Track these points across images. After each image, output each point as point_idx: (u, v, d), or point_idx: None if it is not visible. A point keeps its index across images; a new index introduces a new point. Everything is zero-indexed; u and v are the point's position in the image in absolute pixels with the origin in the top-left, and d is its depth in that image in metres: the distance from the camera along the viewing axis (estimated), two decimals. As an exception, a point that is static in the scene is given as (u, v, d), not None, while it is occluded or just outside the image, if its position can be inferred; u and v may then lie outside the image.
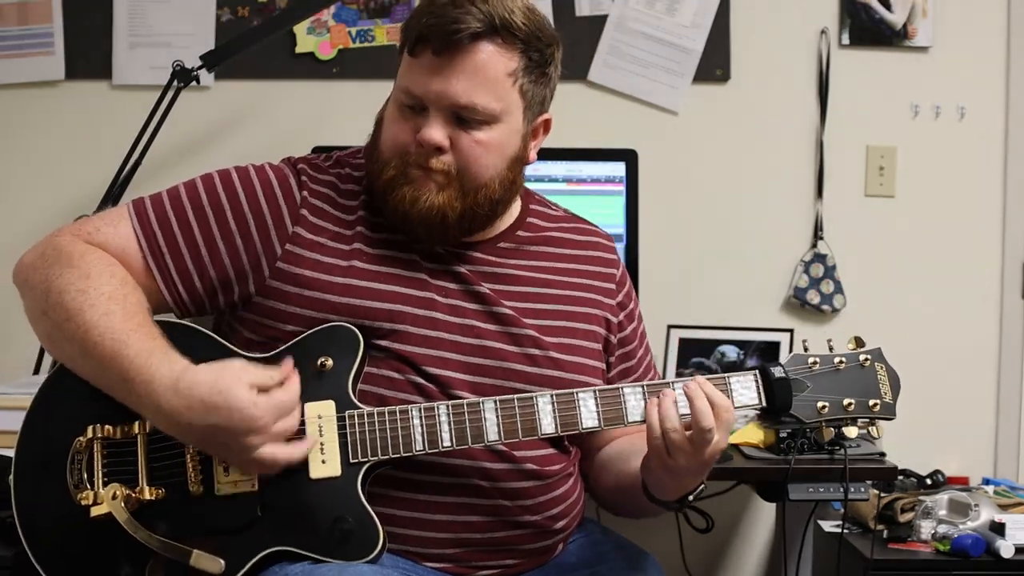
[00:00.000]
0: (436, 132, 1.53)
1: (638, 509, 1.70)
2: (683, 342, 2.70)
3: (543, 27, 1.57)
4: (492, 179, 1.58)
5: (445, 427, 1.49)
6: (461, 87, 1.51)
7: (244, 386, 1.40)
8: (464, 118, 1.54)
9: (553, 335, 1.63)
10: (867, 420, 1.57)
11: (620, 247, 2.50)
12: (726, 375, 1.55)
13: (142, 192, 1.67)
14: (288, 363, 1.46)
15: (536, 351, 1.60)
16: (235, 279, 1.57)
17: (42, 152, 2.82)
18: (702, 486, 1.57)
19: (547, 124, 1.67)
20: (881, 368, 1.59)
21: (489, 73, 1.52)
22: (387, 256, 1.59)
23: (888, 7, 2.82)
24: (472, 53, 1.51)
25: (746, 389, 1.55)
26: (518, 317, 1.61)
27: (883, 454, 2.30)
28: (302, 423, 1.48)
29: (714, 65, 2.82)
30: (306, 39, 2.80)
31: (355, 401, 1.51)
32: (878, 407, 1.56)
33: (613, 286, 1.74)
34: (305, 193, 1.60)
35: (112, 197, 2.45)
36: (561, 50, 1.62)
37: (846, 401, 1.55)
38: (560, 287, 1.68)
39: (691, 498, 1.57)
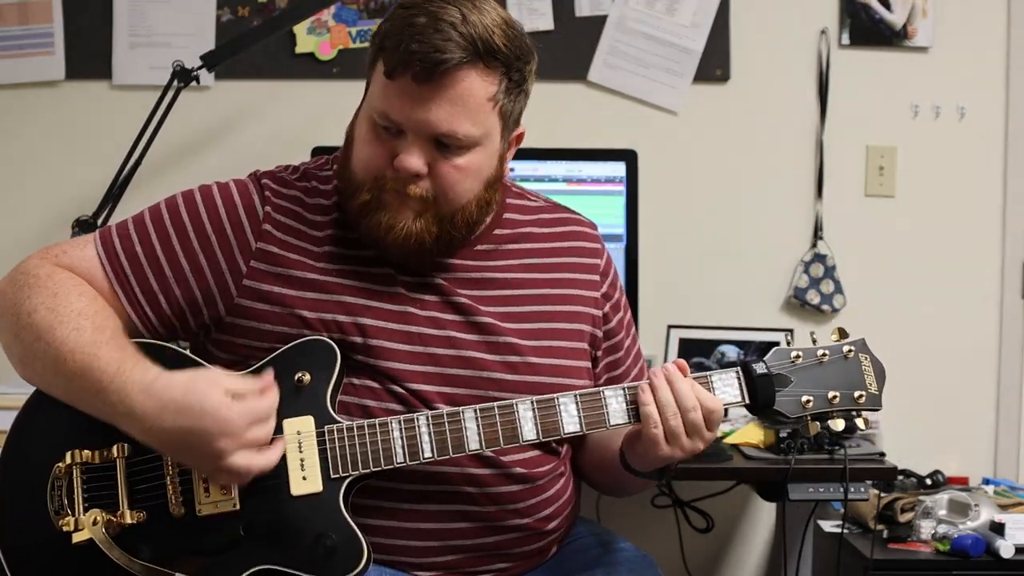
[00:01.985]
0: (415, 160, 1.49)
1: (623, 484, 1.69)
2: (683, 342, 2.70)
3: (521, 44, 1.53)
4: (469, 202, 1.55)
5: (426, 438, 1.48)
6: (443, 115, 1.47)
7: (218, 389, 1.39)
8: (444, 144, 1.50)
9: (533, 339, 1.61)
10: (853, 412, 1.55)
11: (620, 247, 2.52)
12: (708, 373, 1.53)
13: (142, 192, 1.68)
14: (268, 375, 1.45)
15: (515, 358, 1.59)
16: (202, 300, 1.56)
17: (42, 152, 2.82)
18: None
19: (520, 137, 1.63)
20: (865, 359, 1.56)
21: (471, 101, 1.48)
22: (359, 271, 1.57)
23: (888, 7, 2.82)
24: (455, 82, 1.46)
25: (728, 387, 1.53)
26: (497, 324, 1.59)
27: (883, 454, 2.30)
28: (277, 433, 1.47)
29: (714, 65, 2.82)
30: (306, 39, 2.80)
31: (334, 415, 1.49)
32: (863, 398, 1.54)
33: (597, 277, 1.71)
34: (268, 208, 1.58)
35: (112, 197, 2.45)
36: (536, 60, 1.58)
37: (831, 394, 1.53)
38: (541, 286, 1.65)
39: (672, 468, 1.57)
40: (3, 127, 2.82)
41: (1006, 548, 2.27)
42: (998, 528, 2.31)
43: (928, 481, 2.66)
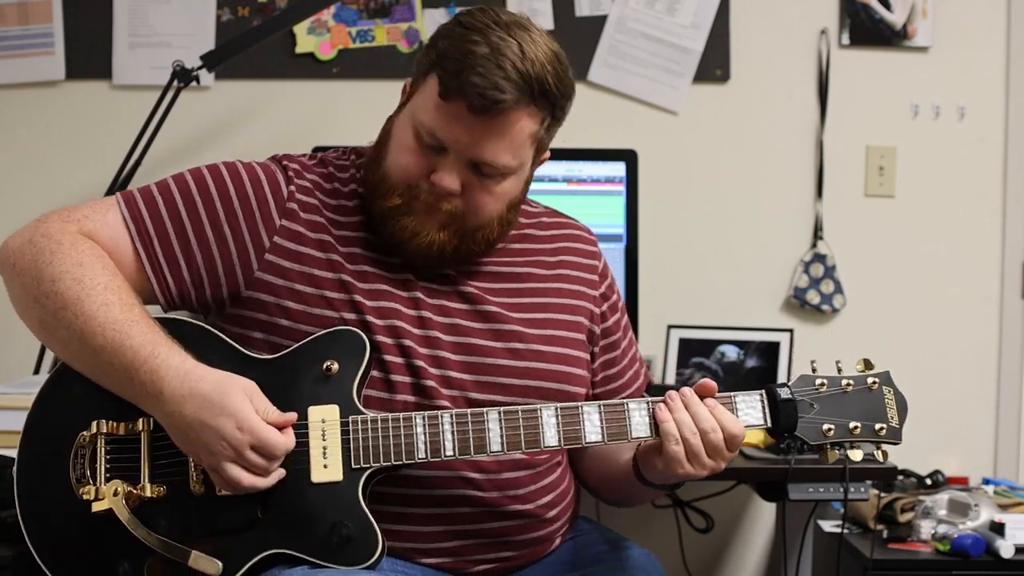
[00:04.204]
0: (452, 180, 1.54)
1: (631, 496, 1.71)
2: (683, 342, 2.70)
3: (568, 80, 1.56)
4: (492, 221, 1.60)
5: (448, 436, 1.49)
6: (489, 147, 1.52)
7: (245, 399, 1.42)
8: (482, 171, 1.55)
9: (536, 327, 1.64)
10: (872, 444, 1.56)
11: (620, 247, 2.52)
12: (732, 395, 1.54)
13: (142, 192, 1.66)
14: (293, 416, 1.46)
15: (520, 345, 1.62)
16: (223, 270, 1.57)
17: (42, 152, 2.82)
18: None
19: (544, 160, 1.67)
20: (889, 392, 1.57)
21: (517, 137, 1.53)
22: (372, 257, 1.61)
23: (888, 7, 2.82)
24: (508, 119, 1.51)
25: (752, 409, 1.54)
26: (503, 313, 1.63)
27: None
28: (302, 420, 1.48)
29: (714, 65, 2.82)
30: (306, 39, 2.80)
31: (359, 406, 1.51)
32: (884, 431, 1.55)
33: (595, 277, 1.75)
34: (292, 188, 1.61)
35: (112, 197, 2.45)
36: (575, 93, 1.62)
37: (852, 424, 1.54)
38: (542, 280, 1.69)
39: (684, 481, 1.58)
40: (3, 127, 2.82)
41: (1006, 548, 2.27)
42: (998, 528, 2.31)
43: (928, 481, 2.66)
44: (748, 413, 1.54)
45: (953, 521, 2.36)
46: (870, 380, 1.57)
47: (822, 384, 1.56)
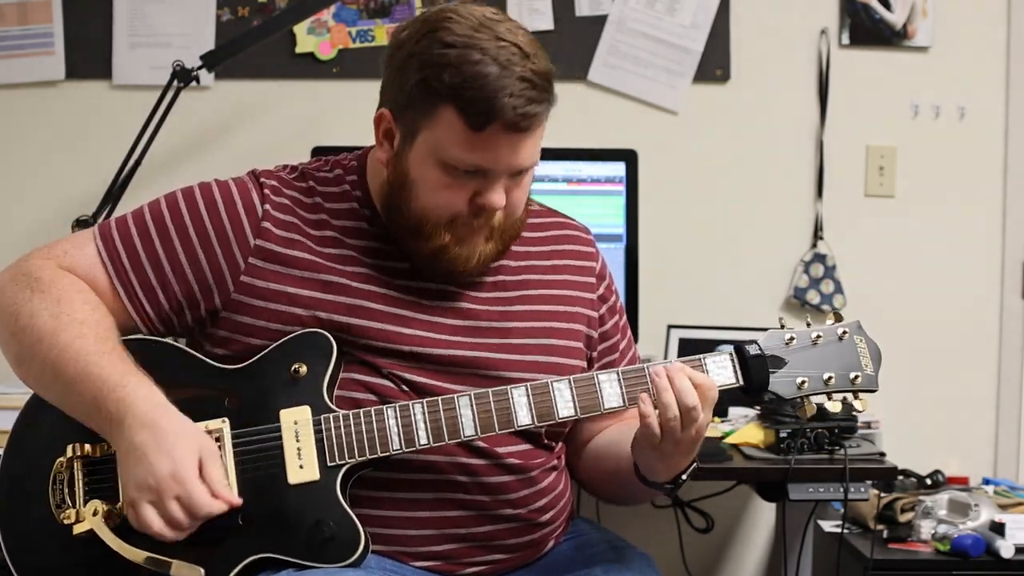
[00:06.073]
0: (500, 196, 1.54)
1: (633, 495, 1.70)
2: (683, 342, 2.70)
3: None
4: (522, 211, 1.62)
5: (421, 424, 1.49)
6: (526, 153, 1.53)
7: (194, 454, 1.41)
8: (517, 173, 1.56)
9: (532, 336, 1.63)
10: (850, 393, 1.55)
11: (620, 247, 2.52)
12: (701, 356, 1.53)
13: (142, 192, 1.67)
14: (235, 500, 1.43)
15: (515, 356, 1.60)
16: (200, 294, 1.57)
17: (42, 152, 2.82)
18: (694, 464, 1.56)
19: None
20: (860, 340, 1.56)
21: (542, 132, 1.55)
22: (355, 272, 1.58)
23: (888, 7, 2.82)
24: (540, 122, 1.52)
25: (722, 369, 1.53)
26: (496, 321, 1.62)
27: (883, 454, 2.30)
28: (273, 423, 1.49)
29: (714, 65, 2.82)
30: (306, 39, 2.80)
31: (330, 405, 1.51)
32: (859, 379, 1.54)
33: (593, 280, 1.73)
34: (268, 206, 1.59)
35: (112, 197, 2.45)
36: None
37: (826, 375, 1.53)
38: (538, 286, 1.67)
39: (684, 477, 1.55)
40: (3, 127, 2.82)
41: (1006, 548, 2.27)
42: (998, 528, 2.31)
43: (928, 481, 2.66)
44: (719, 374, 1.52)
45: (953, 521, 2.36)
46: (840, 331, 1.55)
47: (791, 339, 1.54)
